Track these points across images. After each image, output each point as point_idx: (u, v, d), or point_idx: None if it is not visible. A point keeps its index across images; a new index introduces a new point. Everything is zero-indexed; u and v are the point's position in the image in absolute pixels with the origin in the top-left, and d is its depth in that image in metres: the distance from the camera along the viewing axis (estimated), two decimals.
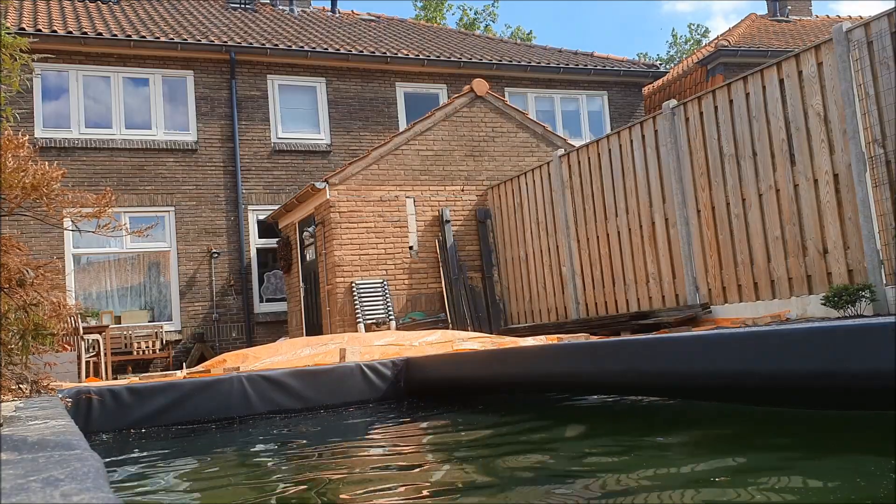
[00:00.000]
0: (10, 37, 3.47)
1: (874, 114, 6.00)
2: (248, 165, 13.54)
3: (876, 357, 2.42)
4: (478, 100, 11.71)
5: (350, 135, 14.29)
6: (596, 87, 16.22)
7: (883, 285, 5.97)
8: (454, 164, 11.41)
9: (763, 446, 2.89)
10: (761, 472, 2.43)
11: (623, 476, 2.56)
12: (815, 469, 2.47)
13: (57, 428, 2.10)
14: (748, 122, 7.18)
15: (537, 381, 4.39)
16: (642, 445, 3.09)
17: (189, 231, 13.07)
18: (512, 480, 2.65)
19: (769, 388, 2.91)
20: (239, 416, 4.64)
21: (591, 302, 9.44)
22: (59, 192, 3.19)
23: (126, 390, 4.43)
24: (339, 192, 10.68)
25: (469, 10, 33.07)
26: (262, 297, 13.51)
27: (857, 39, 6.13)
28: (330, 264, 10.72)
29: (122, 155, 12.82)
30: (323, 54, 14.09)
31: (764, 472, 2.43)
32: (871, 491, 2.09)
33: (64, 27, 12.84)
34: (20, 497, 1.07)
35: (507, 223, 11.06)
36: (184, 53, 13.30)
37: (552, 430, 3.87)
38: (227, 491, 2.88)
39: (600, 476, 2.58)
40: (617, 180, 8.89)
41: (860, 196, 6.10)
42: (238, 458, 3.72)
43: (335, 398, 4.92)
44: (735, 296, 7.40)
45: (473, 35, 19.64)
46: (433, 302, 10.93)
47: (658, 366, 3.35)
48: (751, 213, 7.18)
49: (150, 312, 12.97)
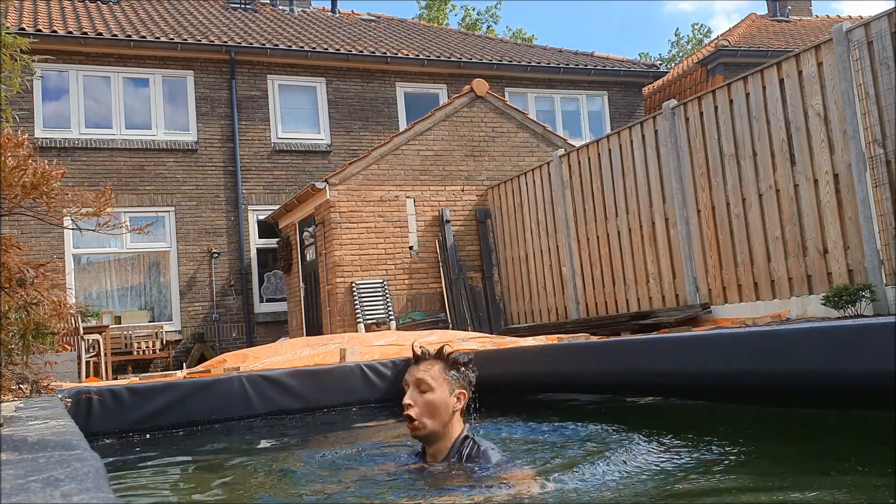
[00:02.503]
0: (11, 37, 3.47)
1: (874, 114, 6.00)
2: (248, 165, 13.54)
3: (876, 357, 2.42)
4: (478, 100, 11.71)
5: (350, 135, 14.29)
6: (596, 87, 16.22)
7: (883, 285, 5.96)
8: (454, 164, 11.41)
9: (762, 446, 2.89)
10: (761, 472, 2.43)
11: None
12: (815, 469, 2.47)
13: (57, 428, 2.10)
14: (748, 122, 7.18)
15: (538, 380, 4.39)
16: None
17: (189, 231, 13.07)
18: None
19: (769, 388, 2.91)
20: (239, 417, 4.64)
21: (591, 302, 9.44)
22: (59, 192, 3.19)
23: (126, 390, 4.42)
24: (339, 192, 10.67)
25: (472, 10, 33.08)
26: (262, 297, 13.51)
27: (857, 39, 6.13)
28: (330, 264, 10.72)
29: (122, 155, 12.82)
30: (323, 54, 14.09)
31: (764, 472, 2.43)
32: (870, 491, 2.09)
33: (64, 27, 12.85)
34: (20, 497, 1.07)
35: (508, 223, 11.06)
36: (184, 53, 13.30)
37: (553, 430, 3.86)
38: (227, 491, 2.88)
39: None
40: (617, 180, 8.89)
41: (860, 196, 6.10)
42: (238, 458, 3.72)
43: (335, 398, 4.91)
44: (735, 296, 7.40)
45: (473, 35, 19.65)
46: (433, 302, 10.93)
47: (660, 365, 3.35)
48: (751, 213, 7.18)
49: (151, 312, 12.97)
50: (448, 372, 2.55)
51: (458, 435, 2.59)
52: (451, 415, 2.56)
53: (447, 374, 2.55)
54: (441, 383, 2.54)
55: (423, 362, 2.59)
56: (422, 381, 2.55)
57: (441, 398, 2.53)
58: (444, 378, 2.54)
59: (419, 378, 2.56)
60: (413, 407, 2.54)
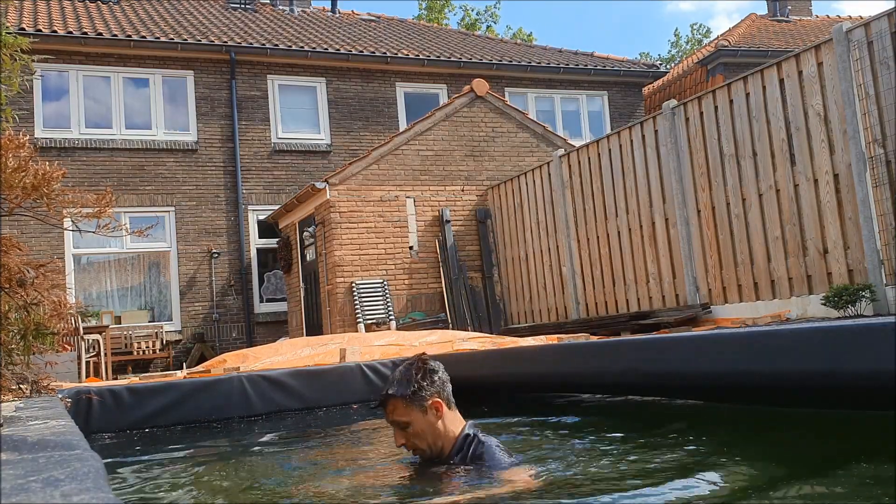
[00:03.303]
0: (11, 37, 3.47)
1: (874, 114, 6.00)
2: (248, 165, 13.54)
3: (876, 357, 2.42)
4: (478, 100, 11.71)
5: (350, 135, 14.29)
6: (596, 87, 16.22)
7: (883, 285, 5.96)
8: (454, 164, 11.41)
9: (761, 447, 2.89)
10: (760, 473, 2.43)
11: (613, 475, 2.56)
12: (814, 470, 2.47)
13: (57, 428, 2.10)
14: (748, 122, 7.18)
15: (538, 380, 4.39)
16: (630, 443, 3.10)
17: (189, 231, 13.08)
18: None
19: (769, 388, 2.91)
20: (239, 417, 4.64)
21: (591, 302, 9.44)
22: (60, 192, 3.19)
23: (126, 390, 4.42)
24: (339, 192, 10.68)
25: (471, 10, 33.05)
26: (262, 297, 13.51)
27: (857, 39, 6.13)
28: (330, 264, 10.72)
29: (122, 155, 12.82)
30: (323, 54, 14.09)
31: (763, 473, 2.43)
32: (870, 492, 2.09)
33: (64, 27, 12.85)
34: (20, 497, 1.07)
35: (508, 223, 11.06)
36: (184, 53, 13.30)
37: (555, 431, 3.87)
38: (227, 491, 2.88)
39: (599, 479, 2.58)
40: (617, 180, 8.89)
41: (860, 196, 6.10)
42: (238, 458, 3.72)
43: (335, 398, 4.92)
44: (735, 296, 7.40)
45: (473, 35, 19.65)
46: (433, 302, 10.93)
47: (659, 365, 3.35)
48: (751, 213, 7.18)
49: (151, 312, 12.97)
50: (409, 400, 2.57)
51: (458, 434, 2.59)
52: (439, 426, 2.58)
53: (410, 403, 2.57)
54: (410, 412, 2.57)
55: (387, 407, 2.62)
56: (396, 422, 2.62)
57: (420, 424, 2.57)
58: (410, 407, 2.57)
59: (392, 421, 2.63)
60: (404, 444, 2.62)
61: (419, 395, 2.56)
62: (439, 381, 2.63)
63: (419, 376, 2.61)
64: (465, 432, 2.59)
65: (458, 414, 2.66)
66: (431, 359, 2.70)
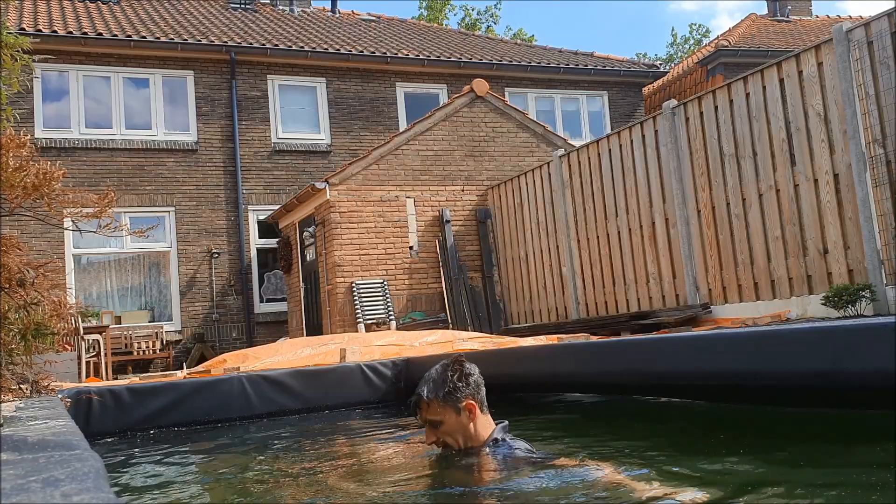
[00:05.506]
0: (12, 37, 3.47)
1: (874, 114, 6.00)
2: (248, 165, 13.54)
3: (876, 357, 2.42)
4: (478, 100, 11.71)
5: (350, 135, 14.29)
6: (596, 87, 16.22)
7: (883, 285, 5.96)
8: (454, 165, 11.41)
9: (760, 447, 2.89)
10: (759, 474, 2.43)
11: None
12: (814, 470, 2.47)
13: (57, 428, 2.10)
14: (748, 122, 7.18)
15: (538, 380, 4.39)
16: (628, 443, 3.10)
17: (189, 231, 13.08)
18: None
19: (769, 388, 2.91)
20: (239, 417, 4.64)
21: (591, 302, 9.44)
22: (60, 192, 3.20)
23: (126, 390, 4.42)
24: (339, 192, 10.68)
25: (471, 11, 33.06)
26: (262, 297, 13.51)
27: (857, 39, 6.13)
28: (330, 264, 10.72)
29: (123, 155, 12.82)
30: (323, 54, 14.09)
31: (762, 474, 2.43)
32: (870, 492, 2.09)
33: (64, 27, 12.85)
34: (20, 497, 1.07)
35: (508, 223, 11.06)
36: (184, 53, 13.30)
37: (556, 430, 3.87)
38: (227, 491, 2.88)
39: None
40: (617, 180, 8.89)
41: (860, 196, 6.10)
42: (238, 458, 3.72)
43: (335, 398, 4.92)
44: (735, 296, 7.40)
45: (474, 35, 19.65)
46: (433, 302, 10.93)
47: (659, 365, 3.35)
48: (751, 213, 7.18)
49: (151, 312, 12.97)
50: (444, 400, 2.58)
51: (487, 436, 2.62)
52: (470, 428, 2.61)
53: (446, 402, 2.59)
54: (445, 411, 2.60)
55: (421, 405, 2.64)
56: (430, 421, 2.64)
57: (452, 424, 2.60)
58: (445, 406, 2.60)
59: (427, 419, 2.65)
60: (436, 441, 2.65)
61: (454, 395, 2.59)
62: (474, 384, 2.66)
63: (455, 377, 2.63)
64: (493, 435, 2.62)
65: (490, 417, 2.69)
66: (468, 361, 2.72)
